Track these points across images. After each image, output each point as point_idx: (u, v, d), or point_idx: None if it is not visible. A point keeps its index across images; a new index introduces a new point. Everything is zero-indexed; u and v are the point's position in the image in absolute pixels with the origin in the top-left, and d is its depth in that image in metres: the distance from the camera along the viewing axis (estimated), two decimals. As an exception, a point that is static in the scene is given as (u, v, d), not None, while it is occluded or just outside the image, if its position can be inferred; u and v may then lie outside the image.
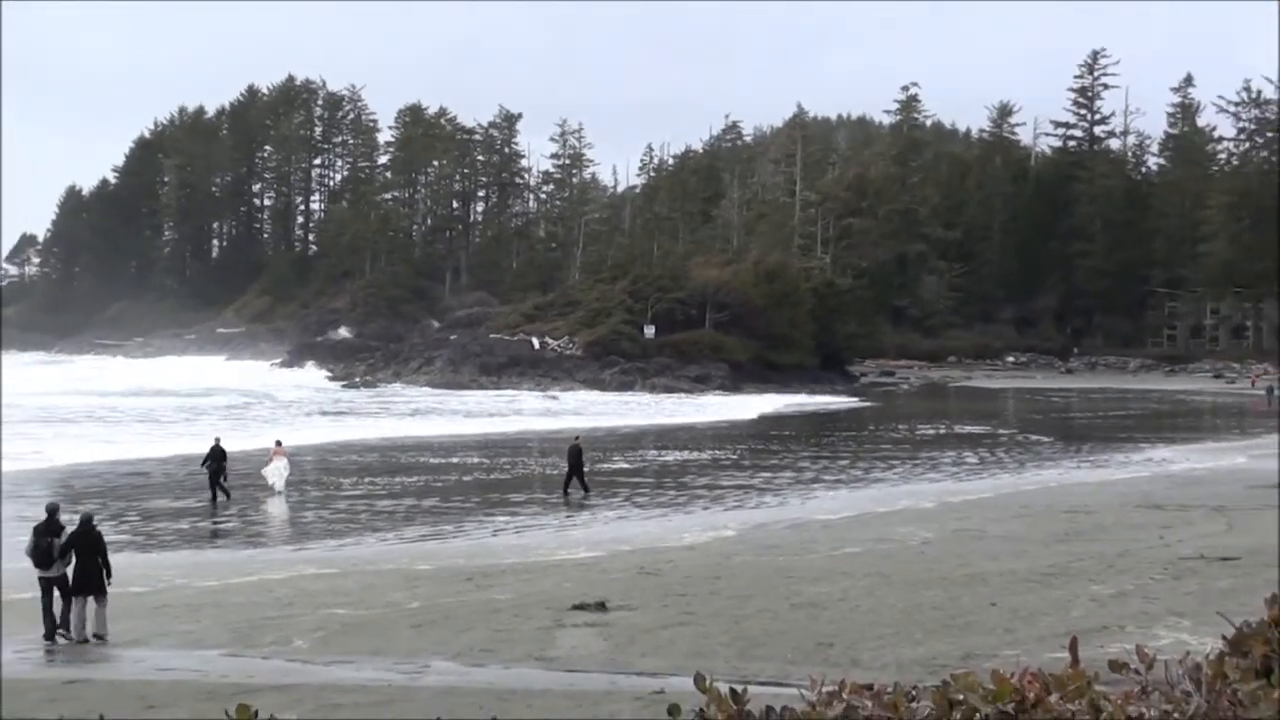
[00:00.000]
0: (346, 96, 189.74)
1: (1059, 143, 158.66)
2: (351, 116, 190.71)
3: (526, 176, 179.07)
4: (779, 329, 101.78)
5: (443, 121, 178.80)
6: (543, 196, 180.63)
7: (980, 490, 35.81)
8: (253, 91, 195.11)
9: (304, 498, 34.63)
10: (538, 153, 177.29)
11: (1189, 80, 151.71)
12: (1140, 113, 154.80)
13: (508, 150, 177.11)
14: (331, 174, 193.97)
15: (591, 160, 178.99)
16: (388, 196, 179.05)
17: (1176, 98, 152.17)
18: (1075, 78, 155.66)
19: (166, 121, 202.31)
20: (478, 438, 55.57)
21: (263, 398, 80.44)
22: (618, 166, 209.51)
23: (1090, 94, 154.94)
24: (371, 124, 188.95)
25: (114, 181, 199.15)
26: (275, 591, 20.90)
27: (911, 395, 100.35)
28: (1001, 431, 60.32)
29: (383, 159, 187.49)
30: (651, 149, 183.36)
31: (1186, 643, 13.47)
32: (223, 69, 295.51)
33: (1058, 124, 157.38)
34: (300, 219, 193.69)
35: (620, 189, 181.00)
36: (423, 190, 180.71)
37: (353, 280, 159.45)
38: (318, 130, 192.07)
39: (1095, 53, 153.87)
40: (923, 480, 39.41)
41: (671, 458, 46.91)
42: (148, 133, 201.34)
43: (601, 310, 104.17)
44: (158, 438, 51.87)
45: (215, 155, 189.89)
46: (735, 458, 47.60)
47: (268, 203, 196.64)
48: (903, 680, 3.77)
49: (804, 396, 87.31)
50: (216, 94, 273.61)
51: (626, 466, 43.26)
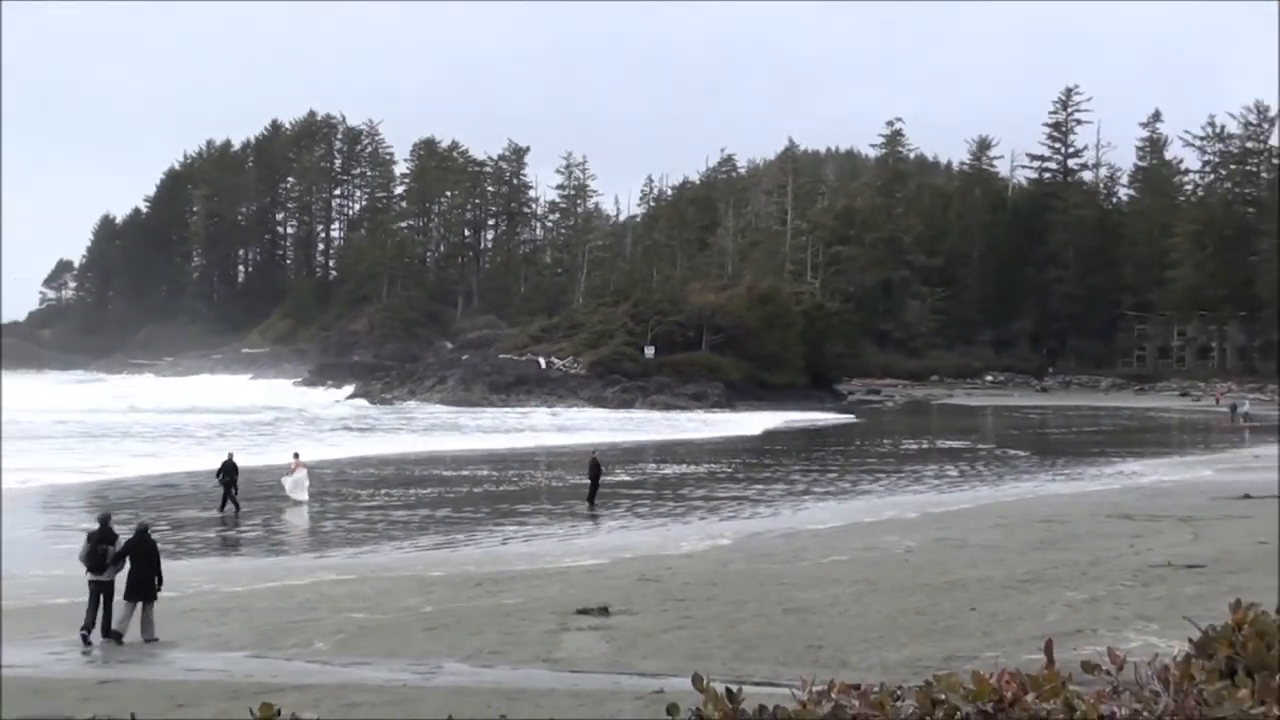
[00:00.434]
0: (365, 130, 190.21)
1: (1035, 175, 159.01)
2: (369, 149, 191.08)
3: (534, 206, 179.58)
4: (771, 350, 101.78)
5: (455, 154, 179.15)
6: (549, 225, 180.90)
7: (961, 502, 35.72)
8: (276, 126, 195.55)
9: (324, 508, 34.58)
10: (544, 184, 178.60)
11: (1157, 116, 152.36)
12: (1111, 147, 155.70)
13: (516, 181, 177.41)
14: (350, 204, 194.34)
15: (595, 191, 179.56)
16: (403, 225, 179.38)
17: (1145, 132, 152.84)
18: (1050, 113, 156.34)
19: (195, 154, 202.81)
20: (487, 452, 55.42)
21: (287, 414, 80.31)
22: (619, 197, 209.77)
23: (1064, 129, 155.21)
24: (388, 156, 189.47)
25: (146, 211, 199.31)
26: (297, 596, 20.85)
27: (896, 412, 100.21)
28: (981, 446, 60.23)
29: (398, 189, 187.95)
30: (651, 180, 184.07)
31: (1155, 645, 13.45)
32: (248, 105, 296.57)
33: (1033, 157, 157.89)
34: (321, 246, 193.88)
35: (622, 218, 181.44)
36: (436, 219, 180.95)
37: (370, 304, 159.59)
38: (337, 162, 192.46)
39: (1069, 90, 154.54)
40: (907, 492, 39.33)
41: (670, 471, 46.83)
42: (178, 165, 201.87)
43: (604, 332, 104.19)
44: (191, 452, 51.70)
45: (241, 186, 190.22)
46: (730, 471, 47.54)
47: (290, 231, 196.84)
48: (888, 680, 3.77)
49: (798, 414, 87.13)
50: (242, 128, 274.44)
51: (628, 479, 43.19)
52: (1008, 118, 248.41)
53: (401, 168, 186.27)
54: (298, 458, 36.50)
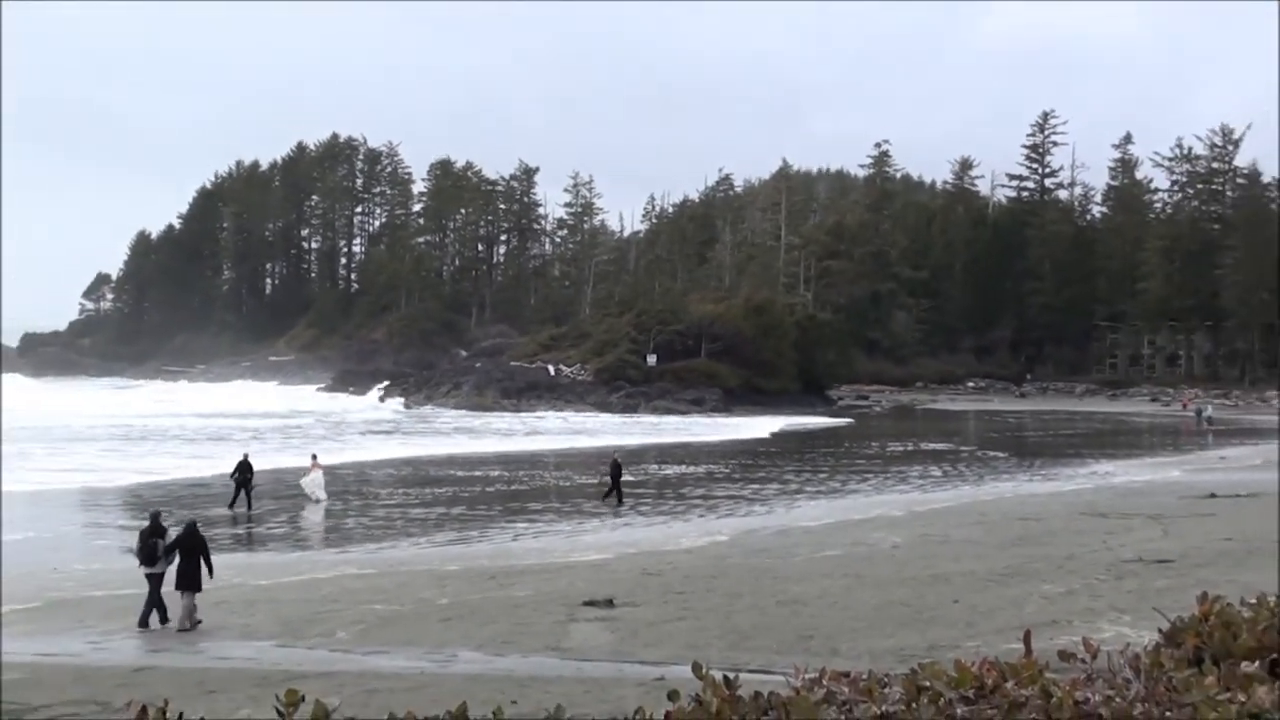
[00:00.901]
0: (385, 152, 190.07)
1: (1014, 193, 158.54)
2: (389, 169, 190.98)
3: (543, 223, 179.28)
4: (766, 357, 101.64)
5: (469, 174, 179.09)
6: (557, 240, 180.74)
7: (944, 500, 35.68)
8: (301, 147, 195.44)
9: (346, 506, 34.57)
10: (553, 202, 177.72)
11: (1128, 138, 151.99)
12: (1085, 167, 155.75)
13: (526, 200, 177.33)
14: (371, 220, 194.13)
15: (600, 208, 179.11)
16: (421, 240, 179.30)
17: (1117, 154, 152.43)
18: (1028, 136, 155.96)
19: (226, 174, 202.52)
20: (500, 454, 55.32)
21: (311, 417, 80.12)
22: (624, 214, 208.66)
23: (1041, 150, 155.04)
24: (406, 176, 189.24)
25: (179, 227, 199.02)
26: (321, 589, 20.85)
27: (883, 416, 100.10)
28: (963, 448, 60.17)
29: (416, 207, 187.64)
30: (653, 198, 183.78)
31: (1127, 635, 13.43)
32: (275, 127, 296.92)
33: (1012, 177, 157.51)
34: (343, 260, 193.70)
35: (626, 234, 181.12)
36: (451, 235, 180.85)
37: (390, 314, 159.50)
38: (359, 181, 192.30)
39: (1045, 114, 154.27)
40: (893, 491, 39.29)
41: (671, 471, 46.76)
42: (209, 184, 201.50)
43: (609, 341, 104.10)
44: (226, 453, 51.47)
45: (269, 204, 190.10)
46: (728, 471, 47.48)
47: (315, 246, 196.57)
48: (876, 668, 3.77)
49: (792, 418, 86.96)
50: (270, 149, 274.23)
51: (631, 479, 43.12)
52: (988, 140, 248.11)
53: (419, 186, 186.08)
54: (315, 459, 36.52)
